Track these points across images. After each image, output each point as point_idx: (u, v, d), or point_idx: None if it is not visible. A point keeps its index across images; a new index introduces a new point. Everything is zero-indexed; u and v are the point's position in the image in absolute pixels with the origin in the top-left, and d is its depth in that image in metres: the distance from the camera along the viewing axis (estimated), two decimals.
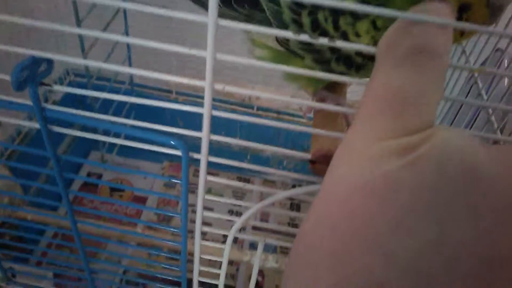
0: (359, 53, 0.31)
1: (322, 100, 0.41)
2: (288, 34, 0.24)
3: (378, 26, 0.29)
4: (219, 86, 0.26)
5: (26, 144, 0.69)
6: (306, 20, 0.31)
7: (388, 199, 0.12)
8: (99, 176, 0.81)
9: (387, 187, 0.13)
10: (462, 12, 0.28)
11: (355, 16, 0.30)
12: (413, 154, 0.13)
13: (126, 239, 0.52)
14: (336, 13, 0.30)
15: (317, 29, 0.31)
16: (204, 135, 0.29)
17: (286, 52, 0.35)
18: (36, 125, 0.30)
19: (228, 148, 0.82)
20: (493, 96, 0.39)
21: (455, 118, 0.42)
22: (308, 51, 0.33)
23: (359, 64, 0.32)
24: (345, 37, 0.30)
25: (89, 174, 0.81)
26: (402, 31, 0.17)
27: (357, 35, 0.30)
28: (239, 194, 0.79)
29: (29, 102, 0.28)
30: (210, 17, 0.22)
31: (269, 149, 0.29)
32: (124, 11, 0.65)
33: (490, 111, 0.38)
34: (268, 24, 0.33)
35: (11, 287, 0.49)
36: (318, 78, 0.35)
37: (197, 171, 0.92)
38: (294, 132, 0.78)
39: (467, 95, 0.39)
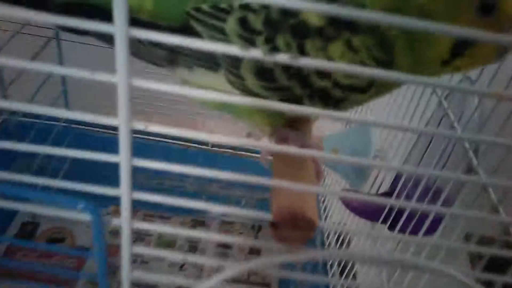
0: (337, 84, 0.27)
1: (283, 140, 0.33)
2: (256, 53, 0.20)
3: (354, 47, 0.25)
4: (139, 125, 0.20)
5: None
6: (263, 48, 0.26)
7: None
8: (36, 225, 0.73)
9: None
10: (466, 47, 0.26)
11: (326, 38, 0.26)
12: None
13: None
14: (300, 36, 0.26)
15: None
16: (124, 191, 0.21)
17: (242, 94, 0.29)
18: None
19: (181, 189, 0.76)
20: (464, 124, 0.37)
21: (426, 149, 0.40)
22: (272, 90, 0.28)
23: (338, 98, 0.27)
24: None
25: (24, 223, 0.73)
26: None
27: (331, 60, 0.25)
28: (194, 240, 0.72)
29: None
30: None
31: (216, 208, 0.24)
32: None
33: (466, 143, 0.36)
34: (212, 62, 0.29)
35: None
36: (276, 113, 0.29)
37: (146, 216, 0.83)
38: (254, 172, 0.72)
39: (438, 125, 0.37)
